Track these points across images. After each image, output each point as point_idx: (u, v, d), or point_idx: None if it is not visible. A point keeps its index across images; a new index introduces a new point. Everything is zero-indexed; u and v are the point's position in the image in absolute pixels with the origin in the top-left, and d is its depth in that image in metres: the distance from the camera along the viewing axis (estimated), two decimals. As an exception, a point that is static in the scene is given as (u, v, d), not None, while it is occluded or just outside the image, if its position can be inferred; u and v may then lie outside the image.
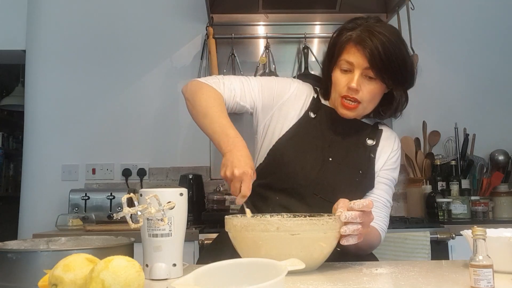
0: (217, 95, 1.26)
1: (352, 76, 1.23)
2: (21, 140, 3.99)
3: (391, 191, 1.34)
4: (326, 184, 1.25)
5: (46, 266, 0.77)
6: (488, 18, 2.98)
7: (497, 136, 2.84)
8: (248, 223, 0.96)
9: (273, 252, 0.93)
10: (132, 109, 2.85)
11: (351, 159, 1.29)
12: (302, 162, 1.25)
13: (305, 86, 1.37)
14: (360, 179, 1.27)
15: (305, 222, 0.95)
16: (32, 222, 2.69)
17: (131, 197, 0.90)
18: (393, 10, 2.76)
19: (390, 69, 1.21)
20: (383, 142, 1.34)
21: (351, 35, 1.23)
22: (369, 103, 1.27)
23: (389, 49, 1.20)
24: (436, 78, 2.91)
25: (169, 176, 2.81)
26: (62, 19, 2.90)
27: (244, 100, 1.30)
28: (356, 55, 1.21)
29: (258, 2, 2.77)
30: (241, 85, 1.31)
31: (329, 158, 1.27)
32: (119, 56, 2.88)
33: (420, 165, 2.74)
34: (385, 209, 1.31)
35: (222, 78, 1.32)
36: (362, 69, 1.21)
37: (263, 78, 1.38)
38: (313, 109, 1.33)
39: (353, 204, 1.01)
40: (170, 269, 0.92)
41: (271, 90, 1.32)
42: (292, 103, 1.32)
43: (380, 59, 1.19)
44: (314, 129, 1.30)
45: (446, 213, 2.40)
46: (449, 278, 0.94)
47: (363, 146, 1.31)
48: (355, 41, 1.22)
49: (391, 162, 1.33)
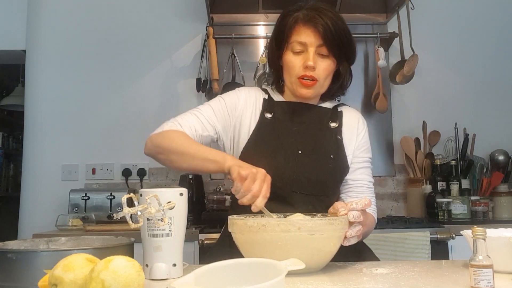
0: (181, 134, 1.24)
1: (306, 55, 1.24)
2: (21, 140, 3.98)
3: (370, 171, 1.36)
4: (302, 178, 1.24)
5: (46, 266, 0.77)
6: (488, 18, 2.98)
7: (497, 136, 2.84)
8: (267, 223, 0.93)
9: (292, 253, 0.90)
10: (132, 109, 2.84)
11: (320, 146, 1.29)
12: (273, 163, 1.23)
13: (252, 91, 1.37)
14: (334, 164, 1.28)
15: (324, 222, 0.94)
16: (32, 222, 2.69)
17: (131, 197, 0.90)
18: (393, 10, 2.76)
19: (340, 44, 1.24)
20: (347, 122, 1.35)
21: (298, 15, 1.26)
22: (324, 80, 1.28)
23: (338, 24, 1.23)
24: (436, 78, 2.92)
25: (169, 176, 2.81)
26: (62, 19, 2.90)
27: (206, 130, 1.29)
28: (307, 33, 1.23)
29: (258, 2, 2.77)
30: (196, 119, 1.29)
31: (298, 151, 1.26)
32: (119, 56, 2.88)
33: (420, 165, 2.74)
34: (370, 190, 1.34)
35: (175, 120, 1.30)
36: (315, 46, 1.23)
37: (211, 101, 1.35)
38: (267, 109, 1.32)
39: (356, 204, 1.02)
40: (170, 269, 0.92)
41: (223, 108, 1.31)
42: (246, 110, 1.32)
43: (332, 34, 1.22)
44: (275, 128, 1.29)
45: (446, 213, 2.41)
46: (449, 278, 0.93)
47: (328, 130, 1.32)
48: (304, 20, 1.24)
49: (363, 143, 1.35)
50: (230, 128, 1.31)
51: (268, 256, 0.91)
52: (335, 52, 1.25)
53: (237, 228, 0.99)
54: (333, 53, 1.25)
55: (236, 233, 1.00)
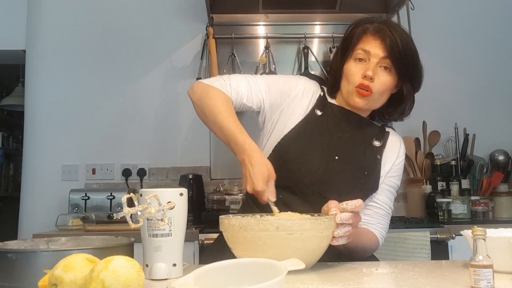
0: (224, 98, 1.24)
1: (367, 65, 1.23)
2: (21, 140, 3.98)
3: (393, 198, 1.34)
4: (330, 183, 1.23)
5: (46, 266, 0.77)
6: (488, 18, 2.98)
7: (497, 136, 2.84)
8: (247, 222, 0.96)
9: (271, 252, 0.93)
10: (132, 109, 2.84)
11: (357, 159, 1.27)
12: (307, 160, 1.23)
13: (311, 83, 1.35)
14: (365, 181, 1.25)
15: (304, 222, 0.95)
16: (32, 222, 2.69)
17: (131, 197, 0.90)
18: (393, 10, 2.76)
19: (406, 61, 1.23)
20: (390, 145, 1.33)
21: (369, 26, 1.25)
22: (380, 96, 1.26)
23: (407, 42, 1.23)
24: (436, 78, 2.91)
25: (169, 176, 2.81)
26: (62, 19, 2.90)
27: (251, 101, 1.28)
28: (374, 44, 1.23)
29: (258, 2, 2.77)
30: (247, 86, 1.28)
31: (335, 157, 1.25)
32: (119, 56, 2.88)
33: (420, 165, 2.74)
34: (387, 217, 1.31)
35: (228, 79, 1.29)
36: (379, 58, 1.22)
37: (270, 76, 1.35)
38: (319, 106, 1.30)
39: (346, 205, 1.02)
40: (170, 269, 0.92)
41: (278, 88, 1.30)
42: (299, 100, 1.30)
43: (398, 50, 1.21)
44: (321, 127, 1.28)
45: (446, 213, 2.41)
46: (449, 278, 0.93)
47: (370, 147, 1.30)
48: (374, 31, 1.24)
49: (397, 169, 1.33)
50: (277, 111, 1.29)
51: (250, 254, 0.95)
52: (399, 69, 1.24)
53: (223, 226, 1.02)
54: (396, 69, 1.24)
55: (223, 231, 1.03)
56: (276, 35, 2.86)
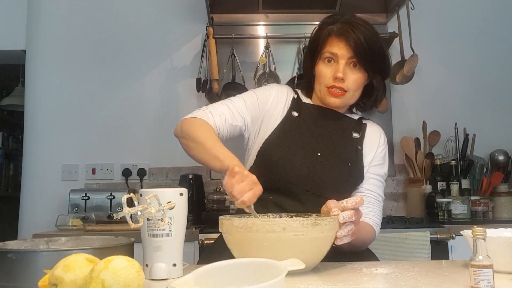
0: (207, 126, 1.26)
1: (337, 66, 1.28)
2: (21, 140, 3.98)
3: (382, 186, 1.36)
4: (317, 179, 1.26)
5: (46, 266, 0.77)
6: (488, 18, 2.98)
7: (497, 136, 2.84)
8: (253, 223, 0.94)
9: (277, 253, 0.92)
10: (132, 109, 2.85)
11: (339, 152, 1.31)
12: (291, 159, 1.27)
13: (284, 88, 1.41)
14: (350, 172, 1.30)
15: (310, 222, 0.94)
16: (32, 222, 2.69)
17: (131, 197, 0.90)
18: (393, 10, 2.76)
19: (372, 57, 1.28)
20: (369, 135, 1.38)
21: (332, 28, 1.29)
22: (354, 92, 1.31)
23: (371, 38, 1.27)
24: (436, 78, 2.92)
25: (169, 176, 2.81)
26: (62, 19, 2.90)
27: (235, 120, 1.32)
28: (340, 46, 1.27)
29: (258, 2, 2.77)
30: (227, 108, 1.32)
31: (317, 153, 1.29)
32: (119, 56, 2.88)
33: (420, 165, 2.74)
34: (378, 204, 1.33)
35: (207, 108, 1.32)
36: (346, 59, 1.27)
37: (244, 94, 1.39)
38: (295, 108, 1.36)
39: (346, 203, 1.02)
40: (170, 269, 0.92)
41: (254, 101, 1.35)
42: (275, 105, 1.35)
43: (363, 48, 1.26)
44: (299, 127, 1.33)
45: (446, 213, 2.40)
46: (449, 278, 0.93)
47: (350, 139, 1.34)
48: (338, 33, 1.28)
49: (380, 158, 1.36)
50: (258, 121, 1.35)
51: (254, 255, 0.93)
52: (366, 66, 1.29)
53: (225, 228, 1.00)
54: (364, 66, 1.29)
55: (224, 233, 1.01)
56: (276, 35, 2.86)
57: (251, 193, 1.03)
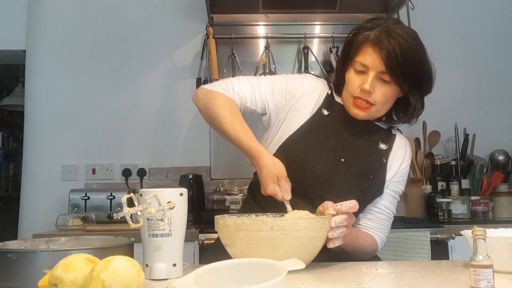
0: (228, 103, 1.22)
1: (366, 77, 1.19)
2: (21, 140, 3.98)
3: (396, 202, 1.31)
4: (335, 186, 1.21)
5: (46, 266, 0.77)
6: (488, 18, 2.98)
7: (497, 136, 2.84)
8: (242, 222, 0.96)
9: (265, 252, 0.93)
10: (132, 109, 2.84)
11: (363, 162, 1.24)
12: (311, 161, 1.21)
13: (318, 82, 1.32)
14: (370, 184, 1.23)
15: (299, 221, 0.95)
16: (32, 222, 2.69)
17: (131, 197, 0.90)
18: (393, 10, 2.76)
19: (406, 73, 1.17)
20: (396, 148, 1.30)
21: (369, 35, 1.19)
22: (382, 106, 1.22)
23: (407, 52, 1.15)
24: (436, 78, 2.89)
25: (169, 176, 2.81)
26: (62, 19, 2.90)
27: (255, 104, 1.26)
28: (372, 57, 1.17)
29: (258, 2, 2.76)
30: (251, 89, 1.26)
31: (341, 159, 1.23)
32: (119, 56, 2.88)
33: (420, 165, 2.74)
34: (389, 221, 1.29)
35: (231, 83, 1.27)
36: (377, 71, 1.17)
37: (274, 77, 1.32)
38: (326, 106, 1.28)
39: (340, 206, 1.02)
40: (170, 269, 0.92)
41: (283, 90, 1.27)
42: (305, 100, 1.27)
43: (397, 62, 1.15)
44: (327, 127, 1.26)
45: (446, 213, 2.40)
46: (449, 278, 0.93)
47: (376, 150, 1.27)
48: (372, 42, 1.17)
49: (402, 174, 1.30)
50: (282, 112, 1.27)
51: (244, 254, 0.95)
52: (399, 80, 1.18)
53: (218, 226, 1.02)
54: (396, 82, 1.18)
55: (219, 231, 1.03)
56: (276, 35, 2.86)
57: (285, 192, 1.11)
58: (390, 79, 1.17)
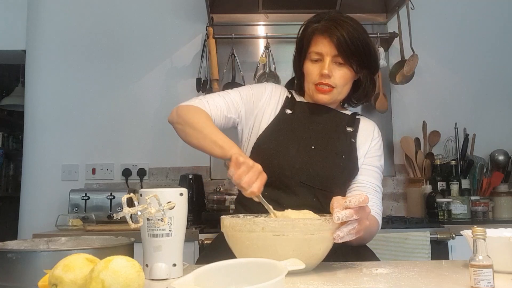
0: (205, 113, 1.31)
1: (323, 64, 1.30)
2: (21, 140, 3.99)
3: (379, 177, 1.38)
4: (311, 171, 1.28)
5: (46, 266, 0.77)
6: (488, 18, 2.98)
7: (497, 136, 2.84)
8: (236, 223, 0.97)
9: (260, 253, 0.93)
10: (132, 109, 2.85)
11: (333, 145, 1.34)
12: (285, 153, 1.30)
13: (278, 87, 1.45)
14: (344, 164, 1.32)
15: (288, 223, 0.94)
16: (32, 222, 2.69)
17: (131, 197, 0.90)
18: (393, 10, 2.76)
19: (356, 53, 1.29)
20: (362, 129, 1.40)
21: (317, 26, 1.32)
22: (342, 88, 1.34)
23: (354, 35, 1.28)
24: (436, 78, 2.92)
25: (169, 176, 2.82)
26: (62, 19, 2.90)
27: (230, 111, 1.36)
28: (324, 44, 1.30)
29: (258, 2, 2.77)
30: (223, 100, 1.36)
31: (311, 147, 1.32)
32: (119, 56, 2.88)
33: (420, 165, 2.74)
34: (376, 194, 1.33)
35: (204, 98, 1.37)
36: (331, 56, 1.29)
37: (240, 88, 1.44)
38: (288, 106, 1.39)
39: (349, 202, 0.98)
40: (170, 269, 0.92)
41: (249, 95, 1.39)
42: (268, 103, 1.39)
43: (347, 45, 1.27)
44: (293, 123, 1.36)
45: (446, 213, 2.41)
46: (449, 278, 0.93)
47: (343, 133, 1.37)
48: (321, 31, 1.30)
49: (375, 150, 1.39)
50: (252, 117, 1.38)
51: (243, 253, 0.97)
52: (352, 62, 1.30)
53: (222, 227, 1.04)
54: (349, 63, 1.30)
55: (224, 232, 1.04)
56: (276, 35, 2.86)
57: (259, 182, 1.09)
58: (344, 61, 1.30)
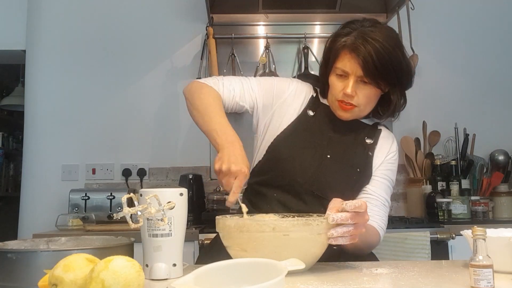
0: (216, 95, 1.28)
1: (347, 82, 1.23)
2: (21, 140, 3.98)
3: (389, 191, 1.33)
4: (323, 181, 1.26)
5: (46, 266, 0.77)
6: (488, 18, 2.98)
7: (497, 136, 2.84)
8: (243, 223, 0.95)
9: (267, 253, 0.92)
10: (132, 109, 2.84)
11: (349, 156, 1.29)
12: (300, 159, 1.26)
13: (304, 86, 1.39)
14: (358, 177, 1.28)
15: (301, 222, 0.94)
16: (32, 222, 2.69)
17: (131, 197, 0.90)
18: (393, 10, 2.76)
19: (384, 74, 1.21)
20: (381, 141, 1.35)
21: (346, 41, 1.23)
22: (365, 106, 1.27)
23: (383, 55, 1.19)
24: (436, 78, 2.91)
25: (169, 176, 2.81)
26: (62, 19, 2.90)
27: (244, 100, 1.32)
28: (351, 62, 1.21)
29: (258, 2, 2.76)
30: (240, 86, 1.32)
31: (327, 156, 1.28)
32: (119, 56, 2.88)
33: (420, 165, 2.74)
34: (383, 208, 1.29)
35: (222, 78, 1.34)
36: (356, 76, 1.22)
37: (263, 78, 1.39)
38: (311, 107, 1.34)
39: (345, 205, 0.98)
40: (170, 269, 0.92)
41: (271, 89, 1.33)
42: (291, 101, 1.33)
43: (374, 66, 1.19)
44: (313, 127, 1.32)
45: (446, 213, 2.40)
46: (449, 278, 0.94)
47: (362, 144, 1.32)
48: (349, 48, 1.21)
49: (388, 163, 1.33)
50: (269, 113, 1.33)
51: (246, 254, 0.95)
52: (377, 82, 1.23)
53: (218, 227, 1.03)
54: (375, 83, 1.23)
55: (220, 232, 1.03)
56: (276, 35, 2.86)
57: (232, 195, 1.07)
58: (369, 81, 1.22)
